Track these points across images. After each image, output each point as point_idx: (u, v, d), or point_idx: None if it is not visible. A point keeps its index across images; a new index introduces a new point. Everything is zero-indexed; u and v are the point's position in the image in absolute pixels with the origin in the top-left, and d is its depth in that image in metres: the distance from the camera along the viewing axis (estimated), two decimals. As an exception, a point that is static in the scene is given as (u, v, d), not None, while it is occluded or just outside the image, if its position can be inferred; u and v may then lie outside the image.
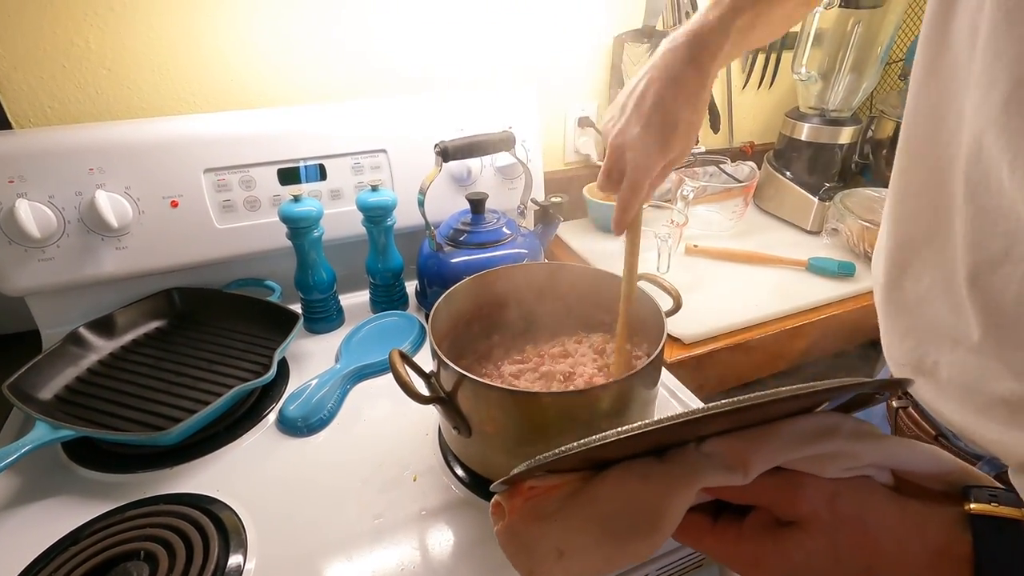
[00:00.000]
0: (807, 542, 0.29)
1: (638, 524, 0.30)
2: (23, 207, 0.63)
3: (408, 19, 0.85)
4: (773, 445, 0.30)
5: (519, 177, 0.88)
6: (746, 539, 0.31)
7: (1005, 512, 0.28)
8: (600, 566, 0.31)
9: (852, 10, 0.93)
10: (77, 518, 0.49)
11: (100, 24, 0.70)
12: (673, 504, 0.29)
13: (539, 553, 0.32)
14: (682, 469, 0.30)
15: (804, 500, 0.30)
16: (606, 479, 0.31)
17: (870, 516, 0.30)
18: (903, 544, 0.29)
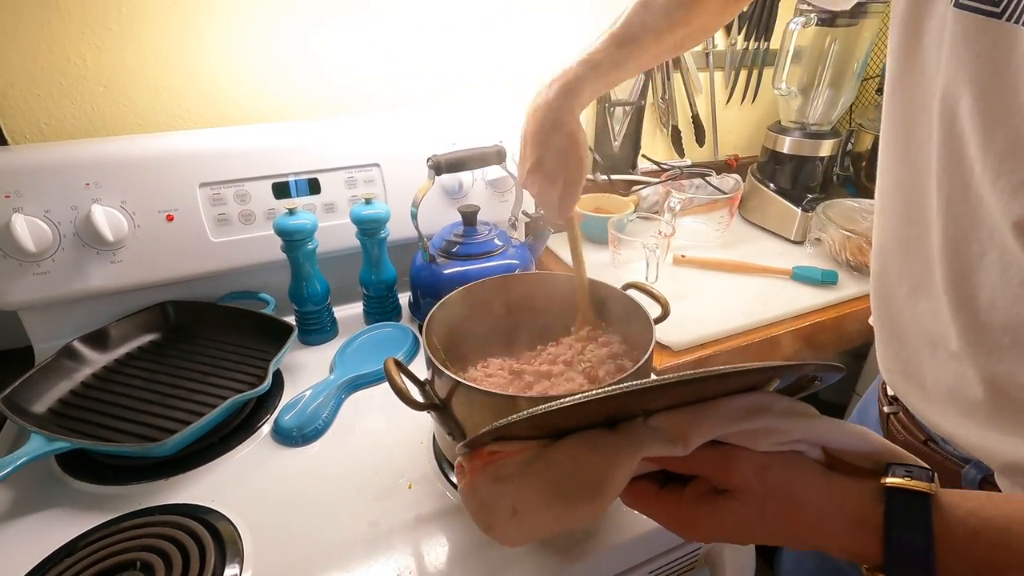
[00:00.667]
0: (738, 509, 0.33)
1: (585, 488, 0.33)
2: (19, 222, 0.63)
3: (400, 36, 0.87)
4: (711, 420, 0.33)
5: (510, 190, 0.90)
6: (685, 505, 0.34)
7: (916, 486, 0.30)
8: (550, 524, 0.35)
9: (828, 28, 0.97)
10: (72, 530, 0.49)
11: (98, 43, 0.72)
12: (617, 472, 0.32)
13: (496, 510, 0.35)
14: (628, 440, 0.33)
15: (736, 471, 0.33)
16: (561, 446, 0.34)
17: (797, 487, 0.32)
18: (825, 513, 0.32)
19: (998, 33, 0.34)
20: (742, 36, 1.13)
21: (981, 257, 0.38)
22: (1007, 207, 0.35)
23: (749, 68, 1.17)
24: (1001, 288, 0.37)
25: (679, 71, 1.10)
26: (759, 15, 1.11)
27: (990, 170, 0.36)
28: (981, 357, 0.40)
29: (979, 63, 0.35)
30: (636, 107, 1.08)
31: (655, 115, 1.13)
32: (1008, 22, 0.33)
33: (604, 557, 0.48)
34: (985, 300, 0.38)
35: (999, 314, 0.38)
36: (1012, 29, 0.33)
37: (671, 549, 0.53)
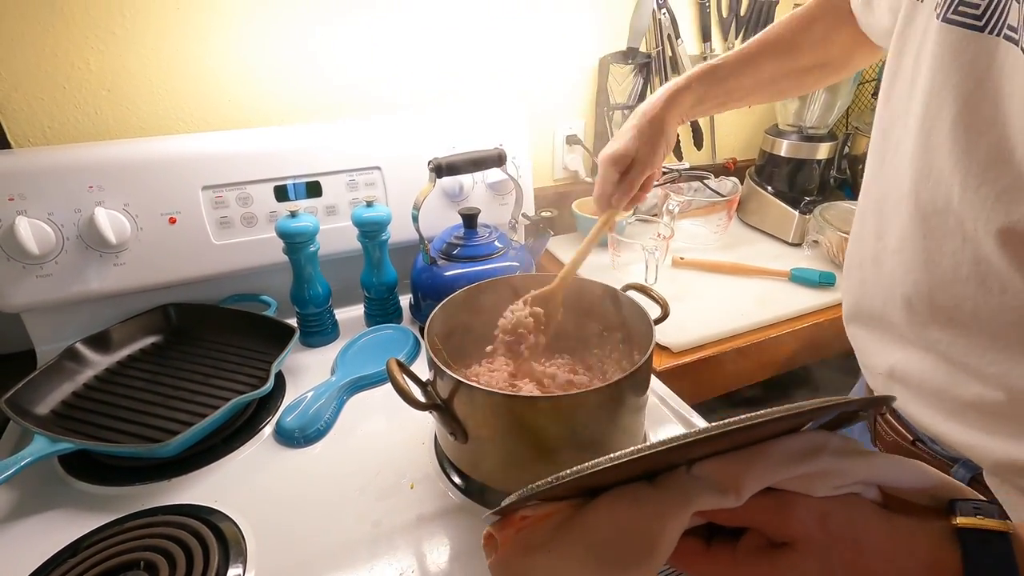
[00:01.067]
0: (801, 563, 0.29)
1: (632, 551, 0.29)
2: (23, 224, 0.64)
3: (401, 40, 0.88)
4: (763, 465, 0.30)
5: (510, 193, 0.91)
6: (741, 563, 0.30)
7: (990, 524, 0.28)
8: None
9: (825, 33, 0.98)
10: (75, 530, 0.49)
11: (101, 47, 0.72)
12: (667, 529, 0.29)
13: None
14: (674, 494, 0.30)
15: (796, 520, 0.30)
16: (598, 506, 0.31)
17: (861, 535, 0.30)
18: (894, 562, 0.29)
19: (980, 45, 0.35)
20: (739, 40, 1.14)
21: (956, 269, 0.39)
22: (989, 215, 0.36)
23: (746, 72, 1.18)
24: (983, 299, 0.38)
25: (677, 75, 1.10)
26: (756, 19, 1.13)
27: (972, 179, 0.36)
28: (973, 359, 0.40)
29: (963, 75, 0.36)
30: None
31: (653, 118, 1.14)
32: (991, 35, 0.34)
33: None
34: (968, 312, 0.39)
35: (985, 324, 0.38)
36: (994, 41, 0.34)
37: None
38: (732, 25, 1.12)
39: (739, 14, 1.11)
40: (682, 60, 1.09)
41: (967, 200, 0.37)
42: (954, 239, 0.39)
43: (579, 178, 1.10)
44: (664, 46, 1.06)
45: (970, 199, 0.37)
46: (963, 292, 0.39)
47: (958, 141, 0.37)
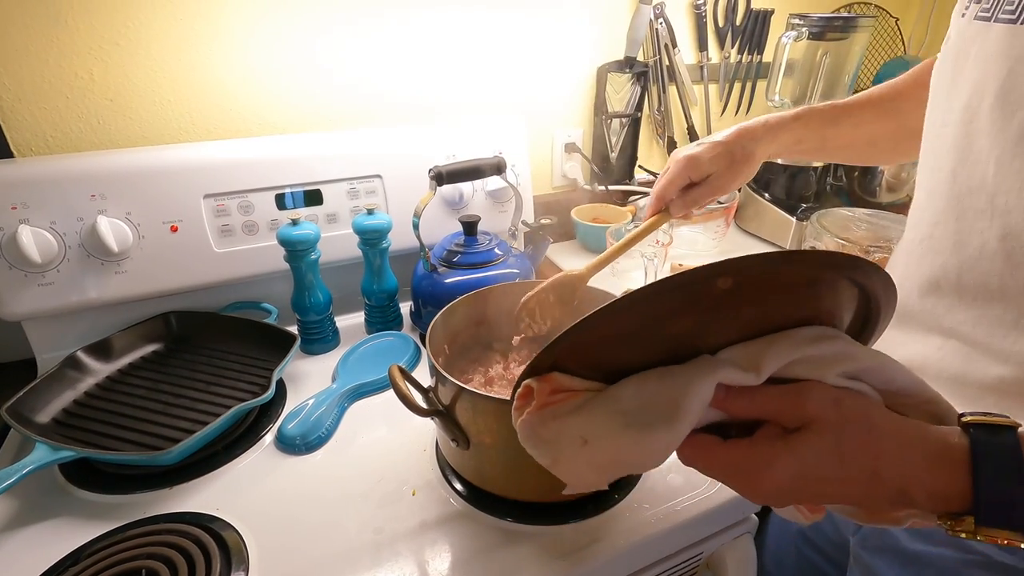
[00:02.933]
0: (815, 441, 0.30)
1: (658, 414, 0.31)
2: (25, 233, 0.64)
3: (402, 50, 0.88)
4: (781, 345, 0.31)
5: (510, 200, 0.91)
6: (757, 445, 0.31)
7: (997, 420, 0.29)
8: (624, 454, 0.32)
9: (820, 42, 0.99)
10: (77, 539, 0.49)
11: (104, 57, 0.73)
12: (692, 395, 0.30)
13: (562, 442, 0.33)
14: (700, 366, 0.31)
15: (811, 402, 0.31)
16: (627, 382, 0.32)
17: (874, 417, 0.31)
18: (905, 448, 0.30)
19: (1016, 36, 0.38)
20: (735, 49, 1.15)
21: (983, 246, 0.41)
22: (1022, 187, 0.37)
23: (743, 80, 1.19)
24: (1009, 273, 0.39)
25: (675, 84, 1.12)
26: (752, 29, 1.14)
27: (1007, 154, 0.38)
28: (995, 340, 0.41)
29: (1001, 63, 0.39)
30: (633, 119, 1.09)
31: (651, 127, 1.15)
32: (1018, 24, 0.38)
33: (607, 562, 0.49)
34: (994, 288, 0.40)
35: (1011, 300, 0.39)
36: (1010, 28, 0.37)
37: (674, 553, 0.53)
38: (728, 35, 1.13)
39: (735, 24, 1.13)
40: (679, 69, 1.10)
41: (1001, 175, 0.39)
42: (984, 218, 0.40)
43: (578, 186, 1.11)
44: (661, 55, 1.07)
45: (1004, 173, 0.39)
46: (990, 268, 0.40)
47: (995, 121, 0.39)
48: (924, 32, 1.30)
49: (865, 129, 0.61)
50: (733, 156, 0.56)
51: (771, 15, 1.14)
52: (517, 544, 0.49)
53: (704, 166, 0.56)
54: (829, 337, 0.32)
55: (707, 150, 0.57)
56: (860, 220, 0.98)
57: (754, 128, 0.58)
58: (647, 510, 0.52)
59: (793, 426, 0.31)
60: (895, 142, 0.63)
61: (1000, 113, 0.39)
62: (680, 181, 0.57)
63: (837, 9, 1.21)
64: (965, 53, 0.43)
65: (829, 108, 0.61)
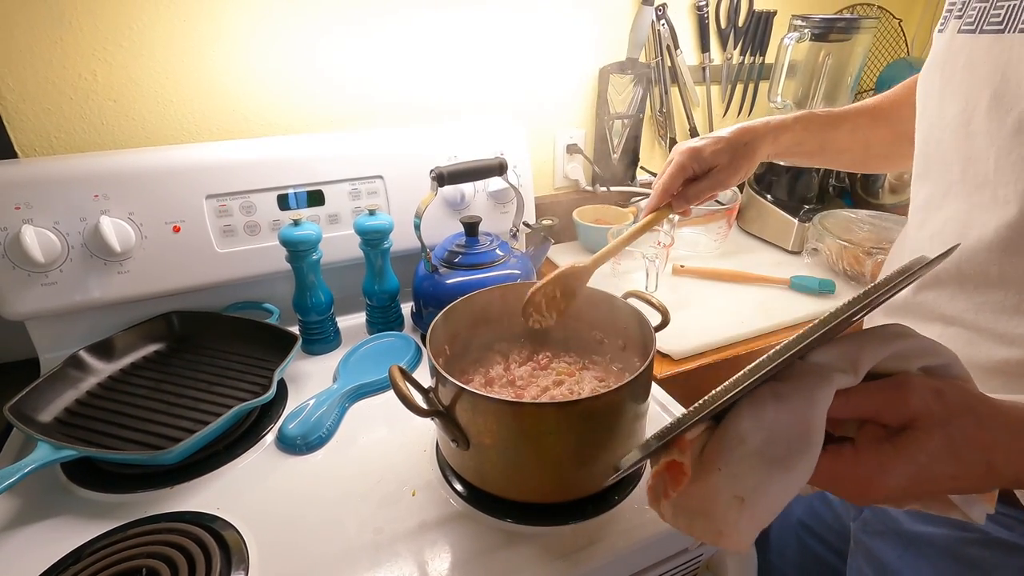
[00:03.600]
0: (926, 441, 0.29)
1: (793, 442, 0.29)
2: (29, 233, 0.65)
3: (404, 51, 0.89)
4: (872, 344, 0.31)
5: (511, 201, 0.91)
6: (864, 453, 0.30)
7: None
8: (781, 498, 0.30)
9: (822, 43, 0.99)
10: (78, 537, 0.49)
11: (108, 59, 0.73)
12: (816, 409, 0.29)
13: (718, 509, 0.30)
14: (810, 379, 0.30)
15: (915, 396, 0.29)
16: (740, 415, 0.30)
17: (979, 409, 0.29)
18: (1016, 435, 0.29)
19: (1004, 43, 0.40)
20: (738, 51, 1.15)
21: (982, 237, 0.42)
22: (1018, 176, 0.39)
23: (745, 82, 1.19)
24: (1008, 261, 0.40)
25: (676, 85, 1.12)
26: (754, 30, 1.14)
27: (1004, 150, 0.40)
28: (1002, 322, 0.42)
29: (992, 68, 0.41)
30: (634, 120, 1.09)
31: (653, 128, 1.15)
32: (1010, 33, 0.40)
33: (607, 563, 0.49)
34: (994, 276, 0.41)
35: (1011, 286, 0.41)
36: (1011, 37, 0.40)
37: (674, 555, 0.53)
38: (730, 36, 1.13)
39: (737, 25, 1.13)
40: (681, 71, 1.10)
41: (1000, 170, 0.41)
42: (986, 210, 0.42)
43: (580, 187, 1.11)
44: (663, 57, 1.07)
45: (1002, 167, 0.40)
46: (987, 258, 0.42)
47: (992, 121, 0.41)
48: (927, 33, 1.29)
49: (861, 134, 0.63)
50: (735, 151, 0.57)
51: (773, 16, 1.13)
52: (517, 545, 0.49)
53: (707, 159, 0.57)
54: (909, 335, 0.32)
55: (710, 144, 0.58)
56: (862, 221, 0.98)
57: (757, 126, 0.59)
58: (647, 511, 0.52)
59: (896, 423, 0.30)
60: (890, 148, 0.64)
61: (996, 113, 0.40)
62: (683, 174, 0.58)
63: (840, 10, 1.21)
64: (952, 64, 0.45)
65: (827, 114, 0.62)
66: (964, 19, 0.45)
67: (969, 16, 0.44)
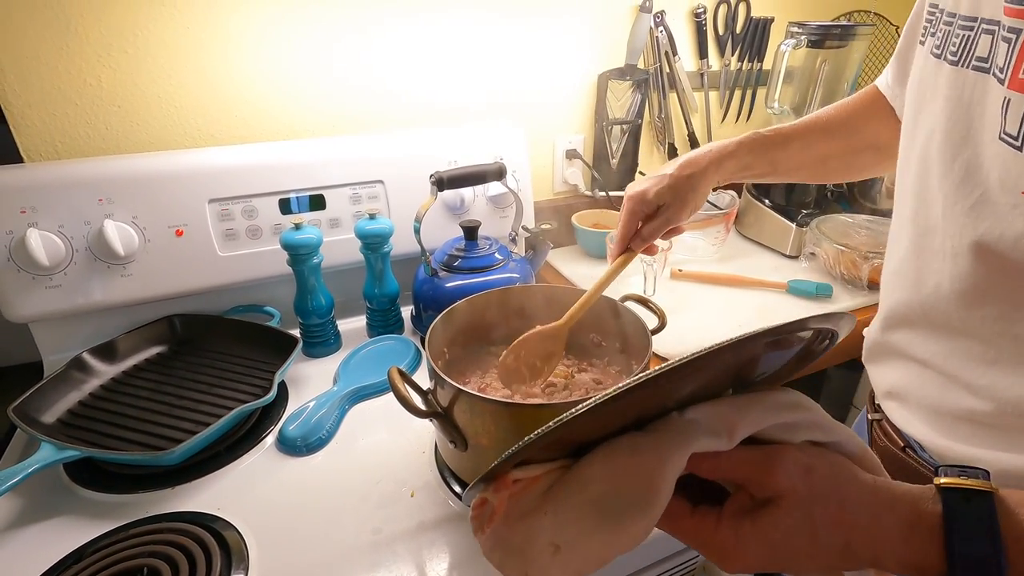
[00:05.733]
0: (784, 519, 0.29)
1: (633, 499, 0.28)
2: (34, 236, 0.65)
3: (406, 58, 0.90)
4: (755, 410, 0.30)
5: (510, 206, 0.92)
6: (725, 523, 0.30)
7: (973, 484, 0.28)
8: (600, 553, 0.29)
9: (819, 50, 1.00)
10: (80, 537, 0.50)
11: (113, 64, 0.74)
12: (667, 471, 0.28)
13: (532, 552, 0.29)
14: (672, 435, 0.29)
15: (782, 472, 0.30)
16: (593, 460, 0.30)
17: (844, 490, 0.30)
18: (877, 518, 0.29)
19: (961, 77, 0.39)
20: (735, 57, 1.16)
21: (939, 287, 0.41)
22: (963, 230, 0.38)
23: (743, 88, 1.20)
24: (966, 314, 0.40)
25: (675, 91, 1.13)
26: (752, 37, 1.15)
27: (951, 196, 0.39)
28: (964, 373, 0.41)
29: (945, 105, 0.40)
30: (633, 126, 1.10)
31: (652, 133, 1.16)
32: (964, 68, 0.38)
33: (604, 564, 0.49)
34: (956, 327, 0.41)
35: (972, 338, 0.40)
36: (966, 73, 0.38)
37: (670, 556, 0.53)
38: (728, 42, 1.14)
39: (735, 32, 1.14)
40: (679, 77, 1.11)
41: (948, 217, 0.39)
42: (937, 257, 0.41)
43: (579, 191, 1.12)
44: (662, 63, 1.08)
45: (949, 215, 0.39)
46: (947, 308, 0.41)
47: (943, 161, 0.40)
48: (924, 40, 1.30)
49: (815, 149, 0.62)
50: (678, 188, 0.57)
51: (771, 23, 1.15)
52: (514, 545, 0.50)
53: (652, 200, 0.58)
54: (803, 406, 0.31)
55: (653, 184, 0.58)
56: (860, 226, 0.99)
57: (698, 158, 0.58)
58: (644, 513, 0.53)
59: (761, 496, 0.30)
60: (847, 158, 0.63)
61: (947, 155, 0.39)
62: (635, 218, 0.59)
63: (836, 17, 1.22)
64: (924, 89, 0.44)
65: (774, 133, 0.61)
66: (933, 40, 0.43)
67: (936, 39, 0.42)
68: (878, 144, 0.62)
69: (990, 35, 0.36)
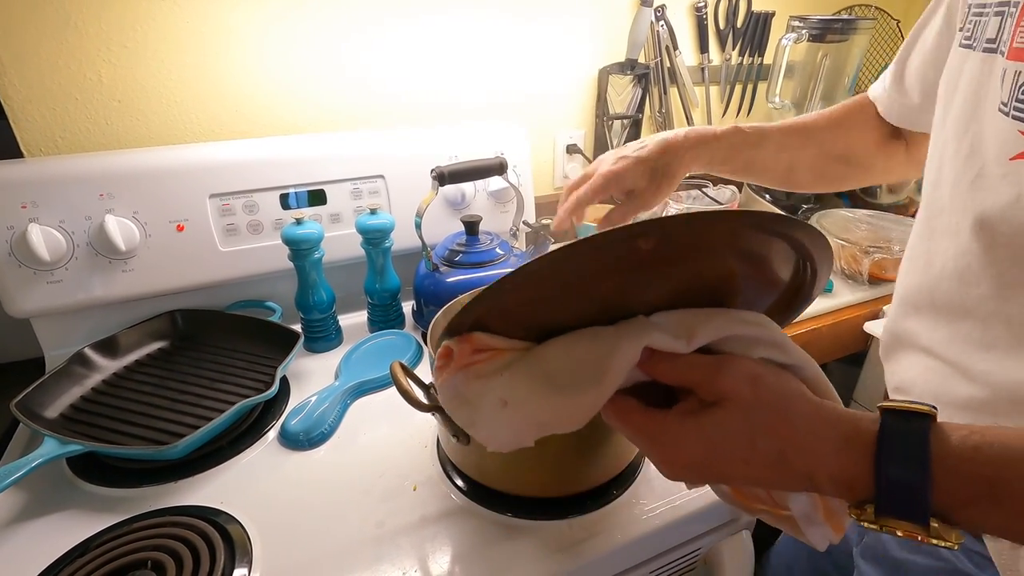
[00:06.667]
0: (725, 420, 0.30)
1: (584, 376, 0.31)
2: (35, 231, 0.65)
3: (406, 53, 0.89)
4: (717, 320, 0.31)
5: (511, 201, 0.92)
6: (670, 421, 0.32)
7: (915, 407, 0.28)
8: (543, 417, 0.32)
9: (820, 44, 1.00)
10: (85, 531, 0.50)
11: (113, 59, 0.74)
12: (618, 357, 0.30)
13: (482, 404, 0.33)
14: (630, 329, 0.31)
15: (729, 377, 0.30)
16: (556, 342, 0.33)
17: (789, 402, 0.30)
18: (816, 432, 0.29)
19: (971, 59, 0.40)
20: (736, 51, 1.16)
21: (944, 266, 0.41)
22: (966, 205, 0.38)
23: (744, 82, 1.20)
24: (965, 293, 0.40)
25: (676, 86, 1.12)
26: (752, 31, 1.15)
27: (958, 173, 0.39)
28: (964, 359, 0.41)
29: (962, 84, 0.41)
30: (634, 120, 1.10)
31: (652, 128, 1.16)
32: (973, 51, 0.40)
33: (605, 557, 0.49)
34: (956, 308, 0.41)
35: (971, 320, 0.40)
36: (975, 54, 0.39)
37: (672, 548, 0.54)
38: (729, 37, 1.14)
39: (735, 26, 1.13)
40: (680, 71, 1.10)
41: (954, 195, 0.40)
42: (945, 237, 0.41)
43: (579, 187, 1.12)
44: (662, 57, 1.08)
45: (955, 193, 0.40)
46: (949, 288, 0.41)
47: (955, 140, 0.40)
48: (925, 34, 1.30)
49: (787, 155, 0.60)
50: (654, 172, 0.55)
51: (772, 17, 1.14)
52: (516, 538, 0.50)
53: (626, 183, 0.56)
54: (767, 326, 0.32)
55: (628, 167, 0.56)
56: (860, 221, 0.99)
57: (675, 143, 0.56)
58: (645, 506, 0.53)
59: (710, 398, 0.31)
60: (818, 167, 0.61)
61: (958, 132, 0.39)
62: (601, 195, 0.57)
63: (838, 11, 1.22)
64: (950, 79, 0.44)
65: (753, 130, 0.59)
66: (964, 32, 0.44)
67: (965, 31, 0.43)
68: (849, 156, 0.60)
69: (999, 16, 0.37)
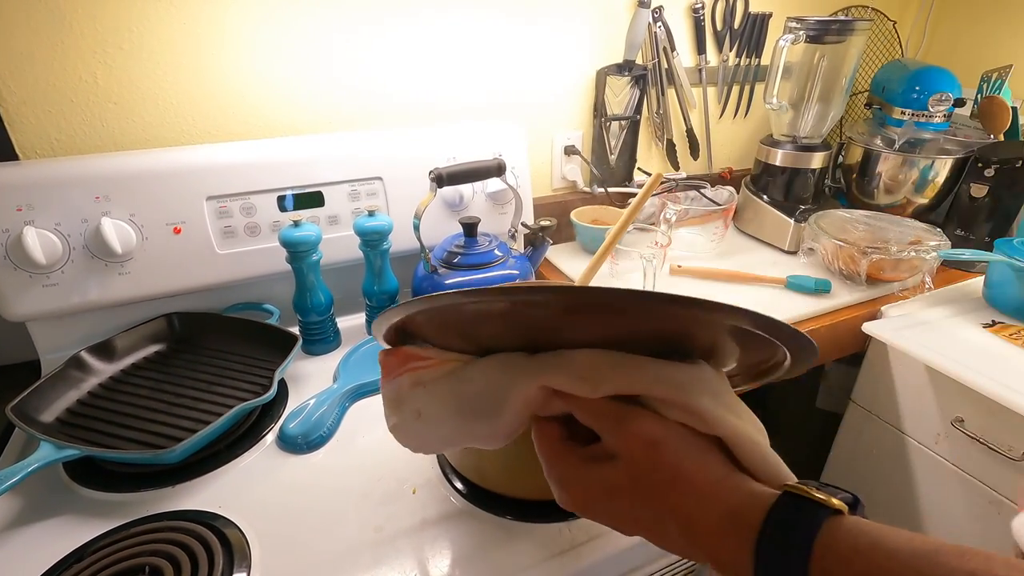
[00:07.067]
0: (612, 475, 0.29)
1: (484, 408, 0.33)
2: (30, 234, 0.65)
3: (403, 54, 0.89)
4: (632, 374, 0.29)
5: (509, 202, 0.92)
6: (573, 460, 0.31)
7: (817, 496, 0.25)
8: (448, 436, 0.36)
9: (817, 45, 1.00)
10: (81, 536, 0.49)
11: (108, 61, 0.74)
12: (513, 394, 0.32)
13: (403, 410, 0.37)
14: (535, 365, 0.32)
15: (627, 435, 0.29)
16: (479, 364, 0.34)
17: (686, 472, 0.28)
18: (704, 507, 0.27)
19: None
20: (734, 52, 1.16)
21: None
22: None
23: (741, 83, 1.20)
24: None
25: (673, 87, 1.13)
26: (750, 32, 1.15)
27: None
28: None
29: None
30: (632, 121, 1.10)
31: (650, 129, 1.16)
32: None
33: (605, 559, 0.49)
34: None
35: None
36: None
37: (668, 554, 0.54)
38: (726, 38, 1.14)
39: (733, 27, 1.13)
40: (678, 72, 1.11)
41: None
42: None
43: (577, 188, 1.12)
44: (660, 59, 1.08)
45: None
46: None
47: None
48: (921, 35, 1.31)
49: None
50: None
51: (769, 18, 1.14)
52: (516, 541, 0.50)
53: None
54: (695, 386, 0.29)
55: None
56: (858, 221, 0.99)
57: None
58: (645, 508, 0.53)
59: (610, 450, 0.30)
60: None
61: None
62: None
63: (835, 12, 1.22)
64: None
65: None
66: None
67: None
68: None
69: None
